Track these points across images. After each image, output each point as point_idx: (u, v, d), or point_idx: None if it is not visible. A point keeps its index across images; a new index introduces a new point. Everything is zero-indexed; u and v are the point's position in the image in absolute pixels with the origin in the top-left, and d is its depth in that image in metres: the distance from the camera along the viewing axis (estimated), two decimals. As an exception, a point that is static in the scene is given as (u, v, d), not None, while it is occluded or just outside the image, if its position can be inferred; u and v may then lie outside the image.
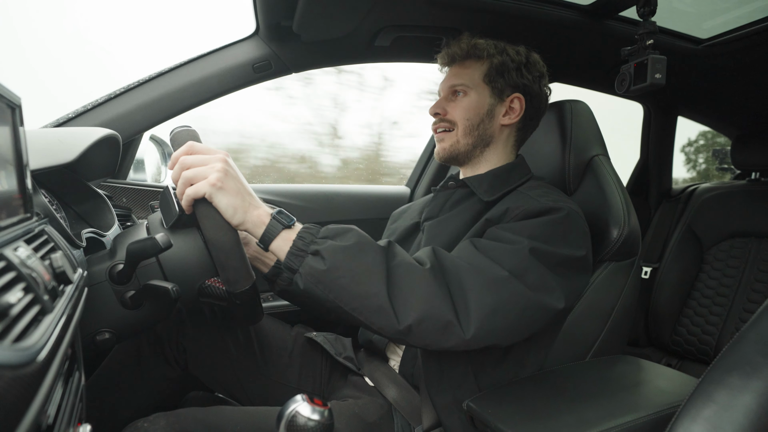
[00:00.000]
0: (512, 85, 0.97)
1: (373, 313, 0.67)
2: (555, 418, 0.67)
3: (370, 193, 1.74)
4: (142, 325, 0.78)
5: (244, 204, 0.69)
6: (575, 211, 0.83)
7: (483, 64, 0.97)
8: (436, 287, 0.68)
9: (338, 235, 0.71)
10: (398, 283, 0.68)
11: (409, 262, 0.71)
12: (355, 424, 0.82)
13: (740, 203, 1.60)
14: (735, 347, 0.43)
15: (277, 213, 0.72)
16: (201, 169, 0.68)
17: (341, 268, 0.67)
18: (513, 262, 0.73)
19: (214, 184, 0.67)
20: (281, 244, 0.70)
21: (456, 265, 0.72)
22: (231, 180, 0.69)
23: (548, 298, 0.73)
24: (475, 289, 0.69)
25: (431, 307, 0.67)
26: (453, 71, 1.01)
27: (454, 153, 0.99)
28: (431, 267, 0.70)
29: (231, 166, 0.70)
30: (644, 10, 0.96)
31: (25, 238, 0.49)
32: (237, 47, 1.26)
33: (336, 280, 0.67)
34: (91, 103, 1.19)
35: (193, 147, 0.71)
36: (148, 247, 0.68)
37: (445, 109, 0.99)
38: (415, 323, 0.67)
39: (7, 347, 0.32)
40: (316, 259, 0.68)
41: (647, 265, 1.74)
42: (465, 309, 0.68)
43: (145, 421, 0.72)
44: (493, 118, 0.98)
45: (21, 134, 0.51)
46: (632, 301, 0.99)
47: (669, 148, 1.90)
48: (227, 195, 0.68)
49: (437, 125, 1.00)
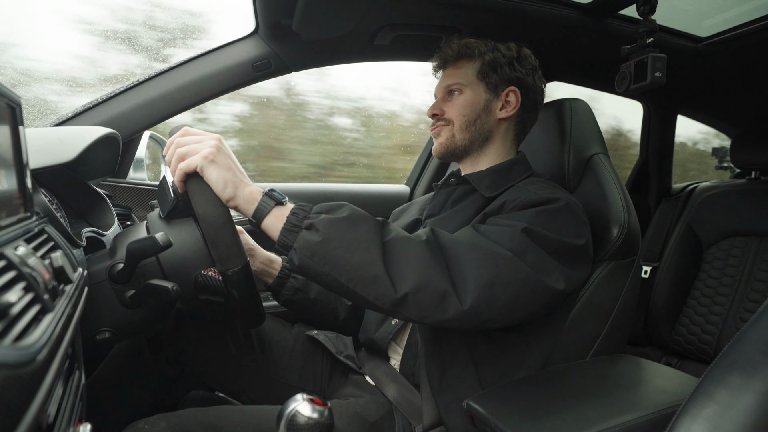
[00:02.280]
0: (506, 80, 0.98)
1: (370, 283, 0.67)
2: (555, 417, 0.67)
3: (371, 192, 1.74)
4: (142, 325, 0.78)
5: (235, 179, 0.70)
6: (574, 202, 0.84)
7: (475, 62, 0.98)
8: (432, 258, 0.68)
9: (332, 209, 0.71)
10: (394, 252, 0.68)
11: (405, 235, 0.71)
12: (356, 424, 0.82)
13: (740, 202, 1.60)
14: (735, 346, 0.43)
15: (268, 191, 0.72)
16: (194, 146, 0.70)
17: (336, 238, 0.67)
18: (512, 243, 0.73)
19: (206, 157, 0.68)
20: (274, 220, 0.70)
21: (453, 241, 0.72)
22: (223, 156, 0.70)
23: (547, 278, 0.73)
24: (473, 262, 0.69)
25: (428, 276, 0.67)
26: (447, 73, 1.02)
27: (451, 147, 0.99)
28: (427, 240, 0.71)
29: (224, 145, 0.72)
30: (644, 9, 0.96)
31: (25, 237, 0.49)
32: (237, 46, 1.26)
33: (331, 251, 0.67)
34: (91, 102, 1.19)
35: (188, 130, 0.73)
36: (147, 246, 0.68)
37: (442, 108, 1.00)
38: (411, 291, 0.66)
39: (8, 346, 0.32)
40: (310, 233, 0.68)
41: (647, 264, 1.74)
42: (462, 280, 0.68)
43: (146, 422, 0.72)
44: (490, 112, 0.98)
45: (21, 133, 0.51)
46: (632, 300, 0.99)
47: (669, 146, 1.90)
48: (218, 168, 0.69)
49: (435, 126, 1.01)
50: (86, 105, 1.19)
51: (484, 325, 0.71)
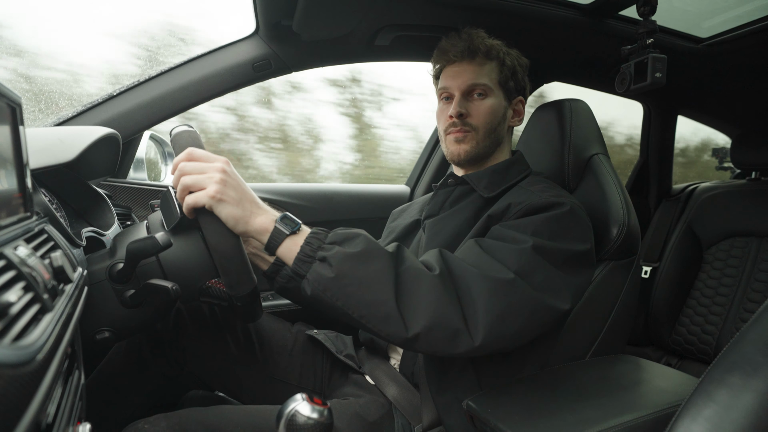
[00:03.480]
0: (518, 89, 1.00)
1: (381, 321, 0.67)
2: (555, 417, 0.67)
3: (371, 192, 1.74)
4: (141, 324, 0.78)
5: (245, 213, 0.68)
6: (578, 206, 0.83)
7: (497, 65, 0.97)
8: (444, 294, 0.68)
9: (346, 240, 0.70)
10: (407, 290, 0.67)
11: (418, 268, 0.70)
12: (356, 424, 0.82)
13: (740, 202, 1.60)
14: (735, 347, 0.43)
15: (281, 219, 0.71)
16: (199, 178, 0.67)
17: (349, 275, 0.66)
18: (519, 261, 0.73)
19: (213, 196, 0.66)
20: (287, 250, 0.69)
21: (464, 270, 0.71)
22: (230, 190, 0.68)
23: (555, 300, 0.73)
24: (484, 294, 0.69)
25: (440, 315, 0.66)
26: (468, 68, 0.96)
27: (475, 155, 0.97)
28: (440, 273, 0.69)
29: (230, 174, 0.69)
30: (644, 9, 0.96)
31: (25, 237, 0.49)
32: (237, 46, 1.26)
33: (344, 288, 0.67)
34: (91, 102, 1.19)
35: (193, 154, 0.70)
36: (148, 246, 0.68)
37: (468, 110, 0.96)
38: (423, 331, 0.66)
39: (7, 346, 0.32)
40: (323, 266, 0.67)
41: (647, 265, 1.74)
42: (473, 316, 0.68)
43: (146, 422, 0.72)
44: (505, 120, 1.00)
45: (21, 133, 0.51)
46: (632, 300, 0.99)
47: (669, 147, 1.90)
48: (227, 206, 0.67)
49: (458, 127, 0.96)
50: (87, 105, 1.19)
51: (494, 353, 0.71)
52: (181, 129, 0.76)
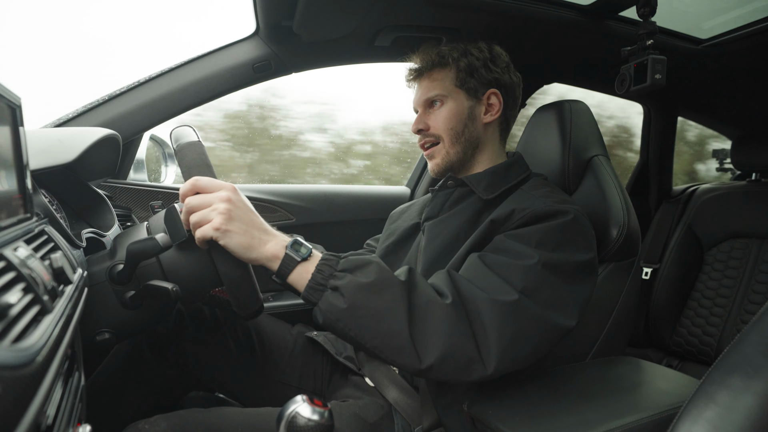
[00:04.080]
0: (485, 83, 0.97)
1: (395, 353, 0.67)
2: (555, 418, 0.67)
3: (371, 193, 1.74)
4: (142, 325, 0.78)
5: (253, 242, 0.68)
6: (581, 214, 0.83)
7: (450, 70, 0.96)
8: (457, 323, 0.67)
9: (358, 268, 0.69)
10: (420, 320, 0.67)
11: (430, 297, 0.69)
12: (355, 425, 0.82)
13: (740, 204, 1.60)
14: (736, 348, 0.42)
15: (291, 245, 0.70)
16: (205, 213, 0.67)
17: (362, 306, 0.66)
18: (526, 279, 0.72)
19: (218, 229, 0.66)
20: (299, 277, 0.69)
21: (473, 295, 0.70)
22: (236, 221, 0.67)
23: (563, 318, 0.73)
24: (495, 321, 0.68)
25: (453, 346, 0.66)
26: (423, 84, 0.99)
27: (448, 165, 0.98)
28: (452, 302, 0.69)
29: (236, 202, 0.68)
30: (644, 11, 0.96)
31: (25, 238, 0.49)
32: (237, 47, 1.27)
33: (357, 319, 0.67)
34: (92, 103, 1.19)
35: (197, 185, 0.69)
36: (148, 247, 0.68)
37: (427, 123, 0.97)
38: (437, 362, 0.66)
39: (7, 347, 0.32)
40: (335, 296, 0.67)
41: (648, 266, 1.74)
42: (486, 343, 0.68)
43: (146, 422, 0.72)
44: (476, 119, 0.97)
45: (21, 134, 0.51)
46: (632, 301, 0.98)
47: (669, 148, 1.90)
48: (234, 236, 0.67)
49: (423, 141, 1.00)
50: (87, 106, 1.19)
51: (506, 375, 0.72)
52: (182, 135, 0.75)
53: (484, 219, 0.90)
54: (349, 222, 1.65)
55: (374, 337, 0.67)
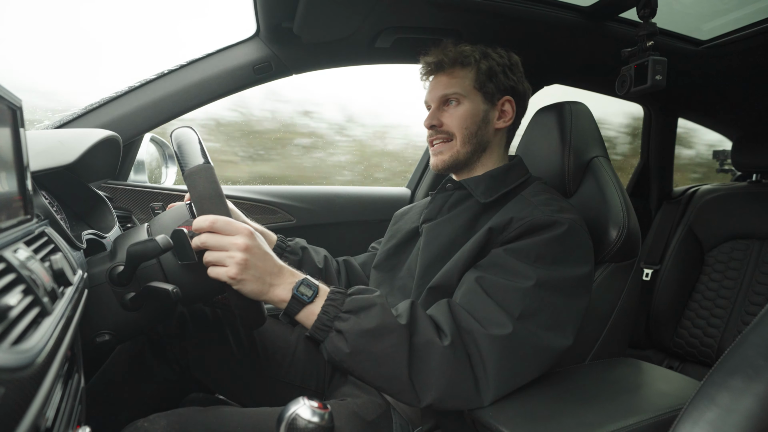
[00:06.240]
0: (501, 89, 0.97)
1: (395, 392, 0.71)
2: (556, 420, 0.67)
3: (371, 194, 1.74)
4: (142, 327, 0.78)
5: (264, 288, 0.71)
6: (579, 223, 0.83)
7: (471, 70, 0.96)
8: (456, 365, 0.70)
9: (362, 310, 0.71)
10: (419, 362, 0.70)
11: (429, 339, 0.71)
12: (353, 423, 0.82)
13: (741, 205, 1.60)
14: (737, 350, 0.42)
15: (298, 287, 0.72)
16: (221, 257, 0.69)
17: (364, 352, 0.69)
18: (524, 303, 0.74)
19: (233, 278, 0.68)
20: (305, 317, 0.72)
21: (472, 330, 0.72)
22: (251, 270, 0.69)
23: (560, 339, 0.75)
24: (493, 356, 0.71)
25: (451, 386, 0.69)
26: (441, 80, 0.98)
27: (454, 163, 0.98)
28: (451, 342, 0.71)
29: (252, 249, 0.70)
30: (644, 12, 0.96)
31: (25, 239, 0.49)
32: (238, 49, 1.27)
33: (359, 363, 0.70)
34: (92, 105, 1.20)
35: (215, 225, 0.70)
36: (148, 248, 0.68)
37: (441, 120, 0.97)
38: (435, 401, 0.69)
39: (6, 349, 0.32)
40: (339, 339, 0.70)
41: (648, 267, 1.74)
42: (484, 377, 0.70)
43: (146, 421, 0.72)
44: (489, 123, 0.97)
45: (21, 136, 0.51)
46: (633, 302, 0.98)
47: (670, 149, 1.90)
48: (247, 284, 0.69)
49: (434, 137, 0.99)
50: (87, 107, 1.19)
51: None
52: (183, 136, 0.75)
53: (481, 223, 0.90)
54: (350, 223, 1.65)
55: (376, 378, 0.71)
